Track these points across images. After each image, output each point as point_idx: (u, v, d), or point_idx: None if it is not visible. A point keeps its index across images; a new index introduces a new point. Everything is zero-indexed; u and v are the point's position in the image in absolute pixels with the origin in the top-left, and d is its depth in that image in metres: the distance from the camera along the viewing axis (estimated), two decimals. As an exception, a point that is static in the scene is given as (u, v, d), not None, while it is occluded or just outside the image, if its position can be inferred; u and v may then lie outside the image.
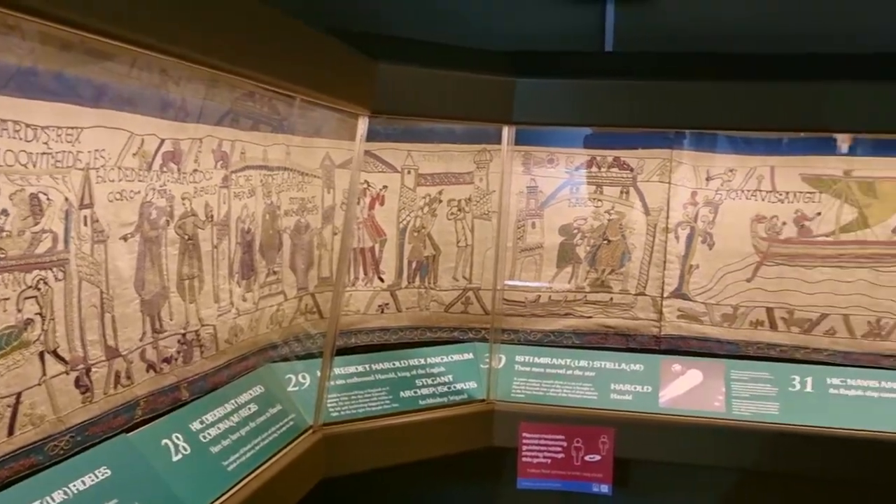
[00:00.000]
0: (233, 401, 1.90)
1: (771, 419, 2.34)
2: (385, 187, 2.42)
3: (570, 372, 2.48)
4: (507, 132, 2.32)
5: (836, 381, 2.40)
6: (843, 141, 2.36)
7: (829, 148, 2.37)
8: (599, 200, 2.51)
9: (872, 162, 2.35)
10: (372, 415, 2.25)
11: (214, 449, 1.74)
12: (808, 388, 2.39)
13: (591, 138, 2.49)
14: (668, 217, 2.48)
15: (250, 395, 1.98)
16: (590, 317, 2.57)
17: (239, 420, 1.87)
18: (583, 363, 2.49)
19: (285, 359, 2.24)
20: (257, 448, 1.86)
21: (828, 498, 2.59)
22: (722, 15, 2.49)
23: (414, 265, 2.50)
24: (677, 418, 2.37)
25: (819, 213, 2.39)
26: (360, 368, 2.34)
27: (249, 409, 1.93)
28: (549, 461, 2.38)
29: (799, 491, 2.60)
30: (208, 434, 1.75)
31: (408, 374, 2.39)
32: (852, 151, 2.36)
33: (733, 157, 2.43)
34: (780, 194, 2.42)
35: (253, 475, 1.78)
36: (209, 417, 1.79)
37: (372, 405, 2.28)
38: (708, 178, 2.45)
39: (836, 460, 2.30)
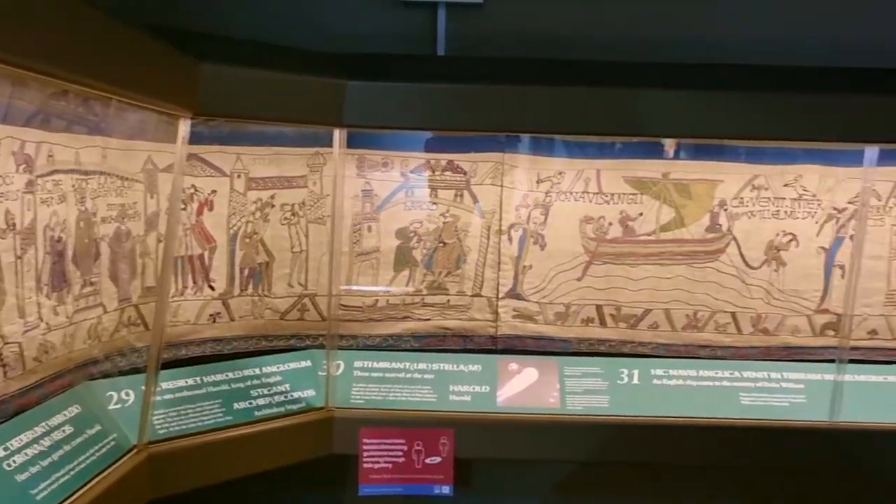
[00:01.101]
0: (44, 423, 1.76)
1: (602, 412, 2.43)
2: (214, 192, 2.32)
3: (408, 375, 2.48)
4: (338, 135, 2.29)
5: (659, 372, 2.52)
6: (669, 146, 2.48)
7: (653, 152, 2.48)
8: (434, 203, 2.52)
9: (688, 165, 2.49)
10: (203, 429, 2.15)
11: (21, 477, 1.60)
12: (635, 381, 2.51)
13: (425, 142, 2.49)
14: (501, 219, 2.53)
15: (64, 416, 1.83)
16: (427, 319, 2.58)
17: (51, 444, 1.73)
18: (421, 366, 2.50)
19: (106, 375, 2.10)
20: (72, 473, 1.73)
21: (657, 482, 2.74)
22: (551, 23, 2.56)
23: (246, 272, 2.41)
24: (515, 416, 2.42)
25: (641, 214, 2.51)
26: (190, 381, 2.24)
27: (63, 431, 1.80)
28: (391, 465, 2.37)
29: (630, 477, 2.74)
30: (13, 461, 1.61)
31: (242, 385, 2.31)
32: (676, 155, 2.49)
33: (563, 160, 2.50)
34: (606, 196, 2.52)
35: (66, 502, 1.66)
36: (14, 443, 1.64)
37: (203, 419, 2.18)
38: (538, 181, 2.52)
39: (662, 446, 2.41)
